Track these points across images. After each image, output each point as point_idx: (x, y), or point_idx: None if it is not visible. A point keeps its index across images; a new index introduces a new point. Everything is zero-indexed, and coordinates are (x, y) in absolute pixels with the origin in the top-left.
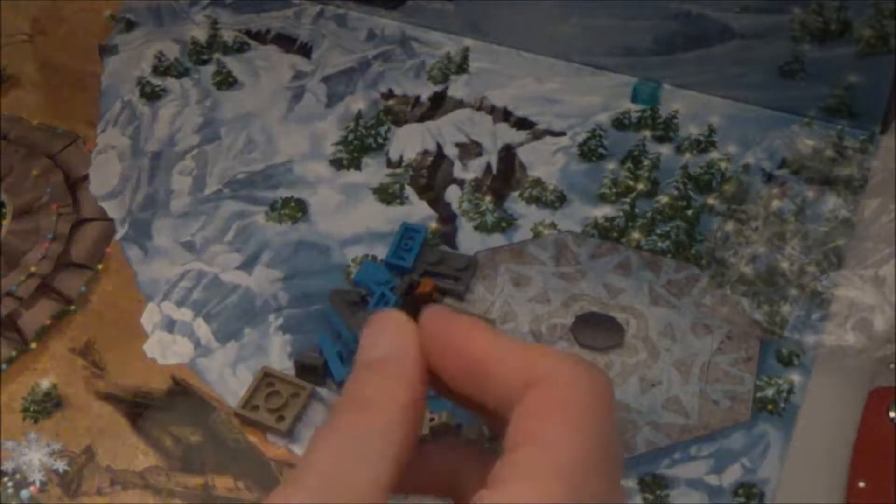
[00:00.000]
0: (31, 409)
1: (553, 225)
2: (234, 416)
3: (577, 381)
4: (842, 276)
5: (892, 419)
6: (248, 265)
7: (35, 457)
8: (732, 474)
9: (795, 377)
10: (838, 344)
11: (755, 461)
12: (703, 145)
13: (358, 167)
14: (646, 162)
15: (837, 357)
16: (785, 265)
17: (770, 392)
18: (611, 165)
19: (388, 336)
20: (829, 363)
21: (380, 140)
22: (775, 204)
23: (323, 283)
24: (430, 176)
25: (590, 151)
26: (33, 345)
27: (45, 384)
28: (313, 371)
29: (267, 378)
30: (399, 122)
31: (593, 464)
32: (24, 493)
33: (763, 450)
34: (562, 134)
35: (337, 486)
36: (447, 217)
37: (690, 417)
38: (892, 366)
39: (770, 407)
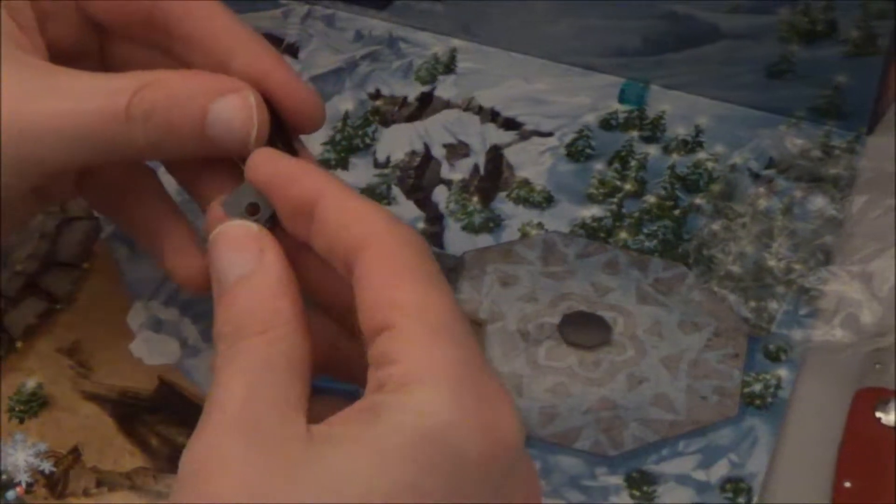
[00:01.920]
0: (17, 409)
1: (541, 225)
2: None
3: (402, 239)
4: (829, 272)
5: (878, 419)
6: None
7: (21, 457)
8: (720, 469)
9: (783, 372)
10: (826, 339)
11: (743, 456)
12: (690, 146)
13: (345, 167)
14: (633, 162)
15: (825, 352)
16: (772, 262)
17: (758, 387)
18: (598, 166)
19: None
20: (817, 360)
21: (367, 140)
22: (762, 202)
23: None
24: (418, 176)
25: (577, 152)
26: (19, 344)
27: (31, 384)
28: None
29: None
30: (386, 123)
31: (451, 306)
32: (10, 494)
33: (750, 444)
34: (549, 135)
35: (254, 417)
36: (434, 217)
37: (678, 413)
38: (878, 366)
39: (758, 402)
